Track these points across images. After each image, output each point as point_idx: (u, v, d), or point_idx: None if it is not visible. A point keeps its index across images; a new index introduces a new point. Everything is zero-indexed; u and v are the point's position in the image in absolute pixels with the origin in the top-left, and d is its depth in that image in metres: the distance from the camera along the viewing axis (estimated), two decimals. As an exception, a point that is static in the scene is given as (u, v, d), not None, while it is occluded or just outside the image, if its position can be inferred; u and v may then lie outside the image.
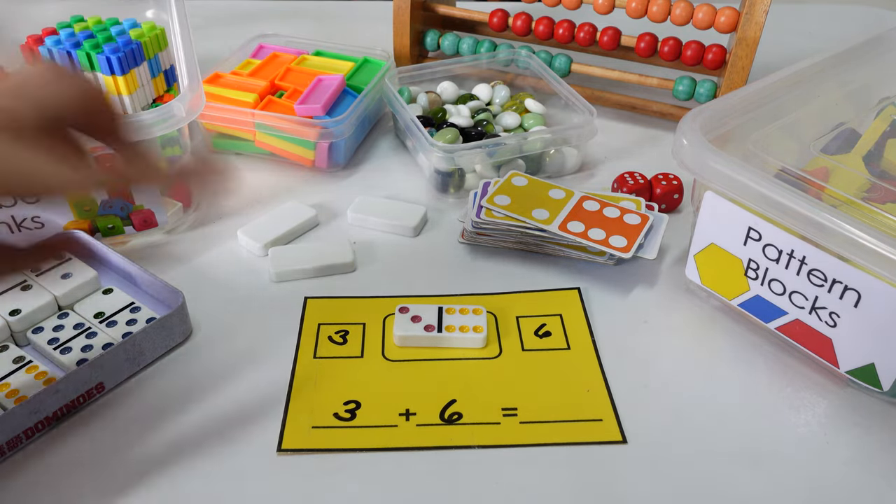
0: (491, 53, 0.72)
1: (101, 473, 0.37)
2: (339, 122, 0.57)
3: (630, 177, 0.57)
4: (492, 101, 0.68)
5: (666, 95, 0.72)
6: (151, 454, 0.38)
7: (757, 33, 0.61)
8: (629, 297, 0.49)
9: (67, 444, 0.38)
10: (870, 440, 0.39)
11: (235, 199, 0.58)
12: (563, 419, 0.40)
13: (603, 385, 0.42)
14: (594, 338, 0.45)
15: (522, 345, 0.45)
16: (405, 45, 0.75)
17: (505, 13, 0.74)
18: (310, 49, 0.70)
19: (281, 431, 0.39)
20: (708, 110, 0.45)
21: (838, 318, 0.40)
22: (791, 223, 0.39)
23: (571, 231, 0.49)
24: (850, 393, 0.42)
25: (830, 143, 0.50)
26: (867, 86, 0.55)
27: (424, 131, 0.57)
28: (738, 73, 0.63)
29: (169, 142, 0.53)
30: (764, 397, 0.42)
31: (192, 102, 0.48)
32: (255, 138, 0.61)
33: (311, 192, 0.59)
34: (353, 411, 0.40)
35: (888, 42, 0.56)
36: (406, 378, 0.42)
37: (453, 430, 0.39)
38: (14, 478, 0.37)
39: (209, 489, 0.36)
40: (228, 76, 0.63)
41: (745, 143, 0.45)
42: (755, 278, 0.43)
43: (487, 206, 0.51)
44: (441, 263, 0.52)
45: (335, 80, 0.62)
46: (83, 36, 0.57)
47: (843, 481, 0.37)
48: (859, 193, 0.45)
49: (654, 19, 0.66)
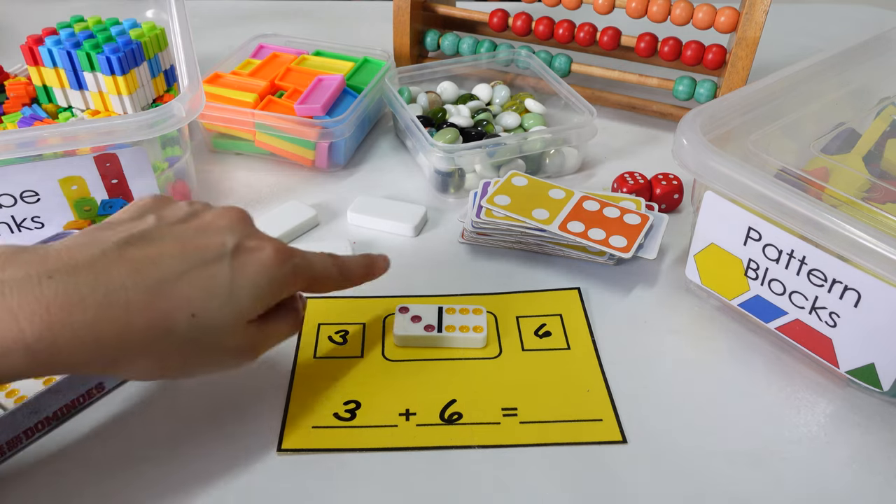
0: (491, 53, 0.72)
1: (101, 473, 0.37)
2: (339, 122, 0.57)
3: (630, 177, 0.57)
4: (492, 101, 0.68)
5: (666, 95, 0.72)
6: (151, 454, 0.38)
7: (757, 33, 0.61)
8: (629, 297, 0.49)
9: (67, 444, 0.38)
10: (870, 440, 0.39)
11: (235, 199, 0.58)
12: (563, 419, 0.40)
13: (603, 385, 0.42)
14: (594, 338, 0.45)
15: (522, 345, 0.45)
16: (405, 45, 0.75)
17: (505, 13, 0.74)
18: (310, 49, 0.70)
19: (281, 431, 0.39)
20: (708, 110, 0.45)
21: (838, 318, 0.40)
22: (791, 223, 0.39)
23: (571, 231, 0.49)
24: (850, 393, 0.42)
25: (830, 143, 0.50)
26: (867, 86, 0.55)
27: (424, 131, 0.57)
28: (738, 73, 0.63)
29: (169, 142, 0.53)
30: (764, 397, 0.42)
31: (192, 102, 0.48)
32: (255, 138, 0.61)
33: (311, 192, 0.59)
34: (353, 411, 0.40)
35: (888, 42, 0.56)
36: (406, 378, 0.42)
37: (453, 430, 0.39)
38: (14, 478, 0.37)
39: (209, 489, 0.36)
40: (228, 76, 0.63)
41: (745, 143, 0.45)
42: (755, 278, 0.43)
43: (487, 206, 0.51)
44: (441, 263, 0.52)
45: (335, 80, 0.62)
46: (83, 36, 0.57)
47: (843, 481, 0.37)
48: (859, 193, 0.45)
49: (654, 19, 0.66)
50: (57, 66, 0.57)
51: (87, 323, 0.30)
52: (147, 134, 0.46)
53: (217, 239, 0.34)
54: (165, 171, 0.53)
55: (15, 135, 0.45)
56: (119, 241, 0.32)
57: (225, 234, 0.35)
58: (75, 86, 0.58)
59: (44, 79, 0.59)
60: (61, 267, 0.30)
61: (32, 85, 0.60)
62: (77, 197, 0.49)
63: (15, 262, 0.30)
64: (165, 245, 0.33)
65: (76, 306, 0.29)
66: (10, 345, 0.28)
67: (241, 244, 0.35)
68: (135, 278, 0.31)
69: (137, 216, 0.35)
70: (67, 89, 0.59)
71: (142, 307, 0.31)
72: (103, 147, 0.47)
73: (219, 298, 0.33)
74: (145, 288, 0.31)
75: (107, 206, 0.50)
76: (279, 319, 0.37)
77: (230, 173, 0.62)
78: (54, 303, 0.29)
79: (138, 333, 0.31)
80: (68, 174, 0.47)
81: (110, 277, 0.31)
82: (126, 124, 0.46)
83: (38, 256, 0.30)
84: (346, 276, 0.40)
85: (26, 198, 0.47)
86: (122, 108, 0.58)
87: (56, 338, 0.29)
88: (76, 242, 0.32)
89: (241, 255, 0.34)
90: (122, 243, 0.32)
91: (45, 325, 0.29)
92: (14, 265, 0.30)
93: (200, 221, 0.35)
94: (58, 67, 0.57)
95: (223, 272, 0.33)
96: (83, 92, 0.58)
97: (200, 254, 0.33)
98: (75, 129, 0.45)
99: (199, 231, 0.35)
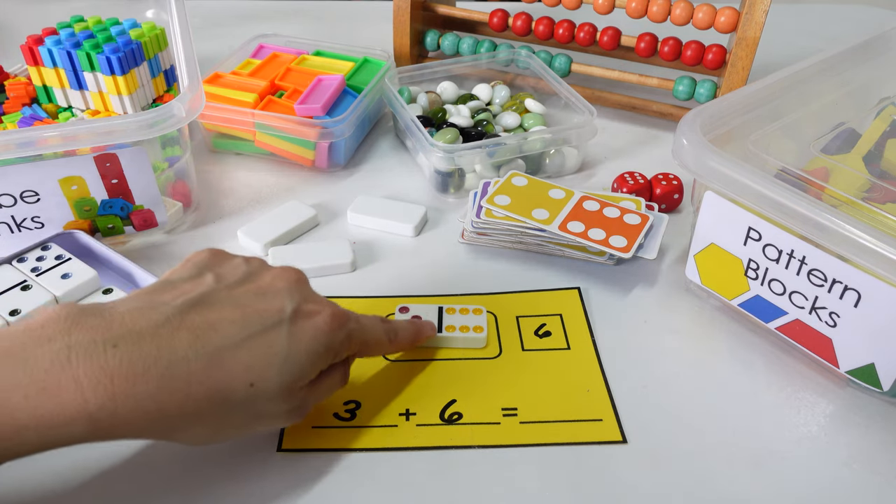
0: (491, 53, 0.72)
1: (101, 474, 0.37)
2: (339, 122, 0.57)
3: (630, 177, 0.57)
4: (492, 101, 0.68)
5: (666, 95, 0.72)
6: (151, 454, 0.38)
7: (757, 33, 0.61)
8: (629, 297, 0.49)
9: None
10: (870, 440, 0.39)
11: (235, 199, 0.58)
12: (563, 419, 0.40)
13: (603, 385, 0.42)
14: (594, 338, 0.45)
15: (522, 345, 0.45)
16: (405, 45, 0.75)
17: (505, 13, 0.74)
18: (310, 49, 0.70)
19: (281, 431, 0.39)
20: (708, 110, 0.45)
21: (838, 318, 0.40)
22: (791, 223, 0.39)
23: (571, 231, 0.49)
24: (850, 393, 0.42)
25: (830, 143, 0.50)
26: (867, 86, 0.55)
27: (424, 131, 0.57)
28: (738, 73, 0.63)
29: (169, 142, 0.53)
30: (764, 397, 0.42)
31: (192, 102, 0.48)
32: (255, 138, 0.61)
33: (311, 192, 0.59)
34: (353, 411, 0.40)
35: (888, 42, 0.56)
36: (406, 378, 0.42)
37: (453, 430, 0.39)
38: (14, 478, 0.37)
39: (209, 489, 0.36)
40: (228, 76, 0.63)
41: (745, 143, 0.45)
42: (755, 278, 0.43)
43: (487, 206, 0.51)
44: (441, 263, 0.52)
45: (335, 80, 0.62)
46: (83, 36, 0.57)
47: (843, 481, 0.37)
48: (859, 193, 0.45)
49: (654, 19, 0.66)
50: (57, 66, 0.57)
51: (149, 394, 0.30)
52: (147, 134, 0.46)
53: (276, 304, 0.34)
54: (165, 171, 0.53)
55: (15, 135, 0.45)
56: (180, 307, 0.32)
57: (284, 298, 0.35)
58: (75, 86, 0.58)
59: (44, 79, 0.59)
60: (126, 334, 0.30)
61: (32, 85, 0.60)
62: (77, 197, 0.49)
63: (81, 325, 0.30)
64: (225, 310, 0.33)
65: (140, 377, 0.30)
66: (73, 414, 0.29)
67: (300, 309, 0.35)
68: (195, 346, 0.31)
69: (196, 275, 0.35)
70: (67, 89, 0.59)
71: (202, 377, 0.31)
72: (103, 147, 0.47)
73: (276, 367, 0.33)
74: (206, 356, 0.31)
75: (107, 206, 0.50)
76: (329, 378, 0.37)
77: (230, 173, 0.62)
78: (118, 373, 0.29)
79: (197, 403, 0.31)
80: (68, 174, 0.47)
81: (173, 347, 0.31)
82: (126, 124, 0.46)
83: (104, 321, 0.30)
84: (395, 344, 0.41)
85: (26, 198, 0.47)
86: (122, 108, 0.58)
87: (118, 408, 0.29)
88: (137, 306, 0.32)
89: (299, 321, 0.34)
90: (183, 308, 0.32)
91: (109, 396, 0.29)
92: (80, 329, 0.30)
93: (259, 284, 0.35)
94: (58, 67, 0.57)
95: (281, 339, 0.33)
96: (83, 92, 0.58)
97: (260, 319, 0.33)
98: (75, 129, 0.45)
99: (259, 295, 0.35)
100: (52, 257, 0.46)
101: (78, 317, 0.30)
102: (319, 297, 0.37)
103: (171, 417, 0.31)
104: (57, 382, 0.28)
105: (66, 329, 0.30)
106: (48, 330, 0.30)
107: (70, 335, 0.29)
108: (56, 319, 0.30)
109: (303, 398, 0.35)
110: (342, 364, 0.38)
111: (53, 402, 0.28)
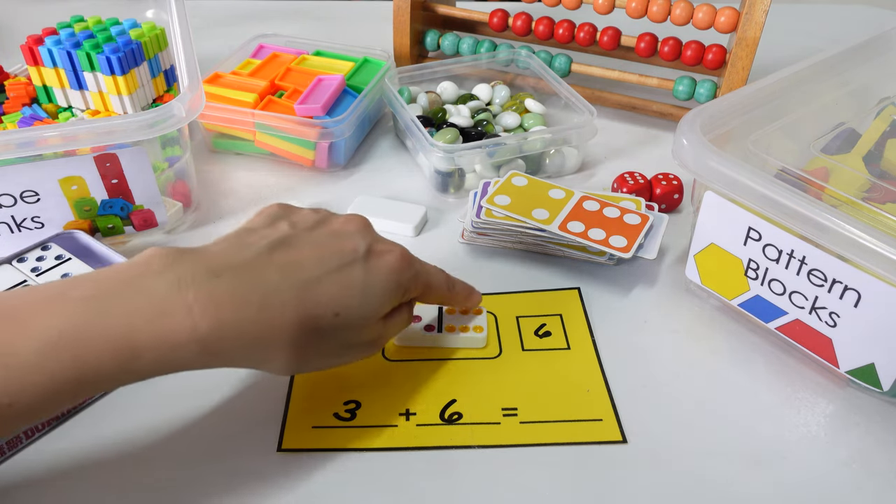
0: (491, 53, 0.72)
1: (101, 474, 0.37)
2: (339, 122, 0.57)
3: (630, 177, 0.57)
4: (492, 101, 0.68)
5: (666, 95, 0.72)
6: (152, 454, 0.38)
7: (757, 33, 0.61)
8: (629, 297, 0.49)
9: (67, 444, 0.38)
10: (870, 440, 0.39)
11: (235, 199, 0.58)
12: (563, 419, 0.40)
13: (603, 385, 0.42)
14: (594, 338, 0.45)
15: (522, 345, 0.45)
16: (405, 45, 0.75)
17: (505, 13, 0.74)
18: (310, 49, 0.70)
19: (281, 431, 0.39)
20: (708, 110, 0.45)
21: (838, 318, 0.40)
22: (791, 223, 0.39)
23: (571, 231, 0.49)
24: (850, 393, 0.42)
25: (830, 143, 0.50)
26: (867, 86, 0.55)
27: (424, 131, 0.57)
28: (738, 73, 0.63)
29: (169, 142, 0.53)
30: (764, 397, 0.42)
31: (192, 102, 0.48)
32: (255, 138, 0.61)
33: (311, 192, 0.59)
34: (353, 411, 0.40)
35: (888, 42, 0.56)
36: (406, 378, 0.42)
37: (453, 430, 0.39)
38: (14, 478, 0.37)
39: (209, 489, 0.36)
40: (228, 76, 0.63)
41: (745, 143, 0.45)
42: (755, 278, 0.43)
43: (487, 206, 0.51)
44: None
45: (335, 80, 0.62)
46: (83, 36, 0.57)
47: (843, 481, 0.37)
48: (859, 193, 0.45)
49: (654, 19, 0.66)
50: (57, 66, 0.57)
51: (250, 320, 0.32)
52: (147, 134, 0.46)
53: (350, 243, 0.36)
54: (165, 171, 0.53)
55: (15, 135, 0.45)
56: (266, 246, 0.35)
57: (356, 238, 0.37)
58: (75, 86, 0.58)
59: (44, 79, 0.59)
60: (226, 266, 0.33)
61: (32, 85, 0.60)
62: (77, 197, 0.49)
63: (183, 260, 0.32)
64: (305, 249, 0.35)
65: (242, 304, 0.32)
66: (186, 338, 0.31)
67: (372, 248, 0.37)
68: (286, 279, 0.33)
69: (269, 224, 0.37)
70: (67, 89, 0.59)
71: (294, 306, 0.33)
72: (103, 147, 0.47)
73: (356, 298, 0.35)
74: (295, 287, 0.33)
75: (107, 205, 0.50)
76: (399, 314, 0.39)
77: (230, 173, 0.62)
78: (224, 300, 0.31)
79: (290, 331, 0.33)
80: (68, 174, 0.47)
81: (266, 279, 0.33)
82: (126, 124, 0.46)
83: (203, 256, 0.33)
84: (452, 294, 0.43)
85: (26, 198, 0.47)
86: (122, 108, 0.58)
87: (224, 334, 0.31)
88: (227, 245, 0.34)
89: (372, 259, 0.36)
90: (269, 247, 0.35)
91: (216, 320, 0.31)
92: (184, 263, 0.32)
93: (331, 227, 0.38)
94: (58, 67, 0.57)
95: (358, 273, 0.35)
96: (83, 92, 0.58)
97: (338, 257, 0.36)
98: (75, 129, 0.45)
99: (333, 236, 0.37)
100: (52, 257, 0.46)
101: (178, 253, 0.33)
102: (388, 240, 0.39)
103: (268, 344, 0.33)
104: (172, 308, 0.31)
105: (171, 263, 0.32)
106: (155, 265, 0.32)
107: (176, 268, 0.32)
108: (160, 256, 0.32)
109: (378, 331, 0.37)
110: (408, 304, 0.40)
111: (170, 327, 0.30)
